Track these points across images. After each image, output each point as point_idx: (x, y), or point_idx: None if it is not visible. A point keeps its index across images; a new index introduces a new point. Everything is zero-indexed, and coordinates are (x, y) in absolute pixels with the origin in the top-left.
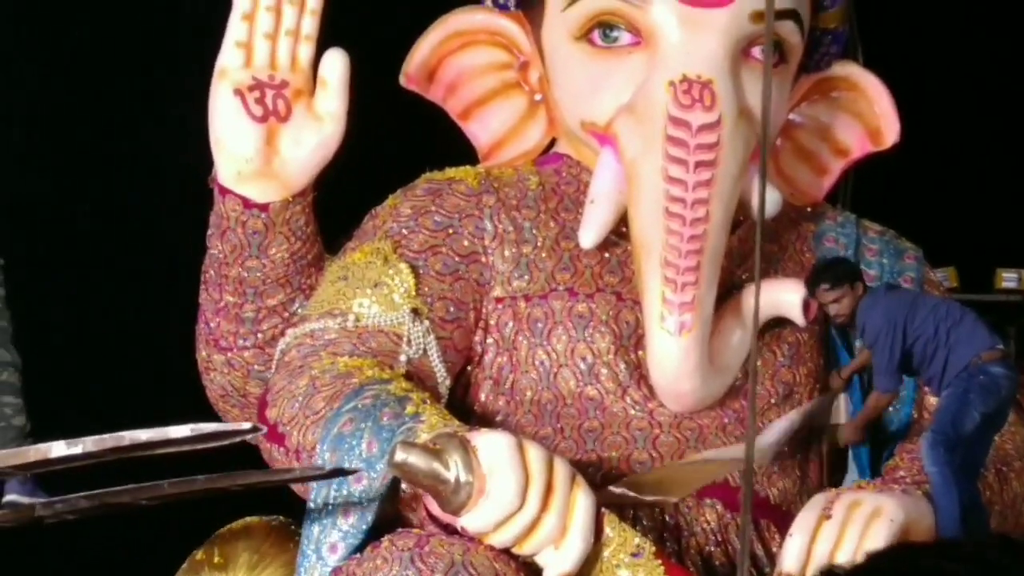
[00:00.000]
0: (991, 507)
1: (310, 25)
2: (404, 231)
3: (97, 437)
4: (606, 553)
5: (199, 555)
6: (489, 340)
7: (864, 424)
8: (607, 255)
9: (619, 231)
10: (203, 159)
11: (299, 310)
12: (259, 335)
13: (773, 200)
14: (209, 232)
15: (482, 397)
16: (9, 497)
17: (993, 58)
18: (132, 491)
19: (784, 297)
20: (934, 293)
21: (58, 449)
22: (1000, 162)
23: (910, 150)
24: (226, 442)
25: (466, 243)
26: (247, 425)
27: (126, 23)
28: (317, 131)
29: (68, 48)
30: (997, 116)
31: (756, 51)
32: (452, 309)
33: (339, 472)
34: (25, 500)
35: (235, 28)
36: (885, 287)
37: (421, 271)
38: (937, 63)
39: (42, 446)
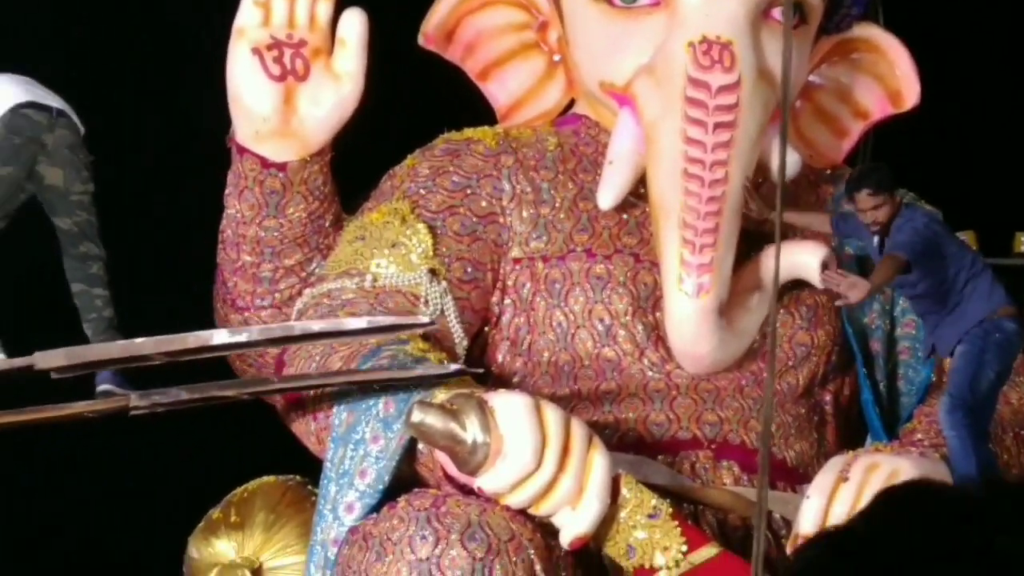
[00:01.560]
0: (1009, 470)
1: None
2: (422, 191)
3: (263, 327)
4: (623, 514)
5: (216, 514)
6: (507, 301)
7: (876, 288)
8: (625, 216)
9: (637, 192)
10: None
11: (317, 270)
12: (276, 295)
13: (792, 162)
14: (227, 191)
15: (499, 358)
16: (104, 386)
17: (1015, 21)
18: (238, 384)
19: (803, 259)
20: None
21: (220, 337)
22: (1020, 125)
23: (930, 112)
24: (403, 333)
25: (484, 204)
26: (425, 319)
27: None
28: (335, 90)
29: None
30: (1018, 79)
31: (776, 12)
32: (470, 270)
33: (462, 372)
34: (120, 391)
35: None
36: (923, 211)
37: (439, 231)
38: (958, 24)
39: (203, 333)
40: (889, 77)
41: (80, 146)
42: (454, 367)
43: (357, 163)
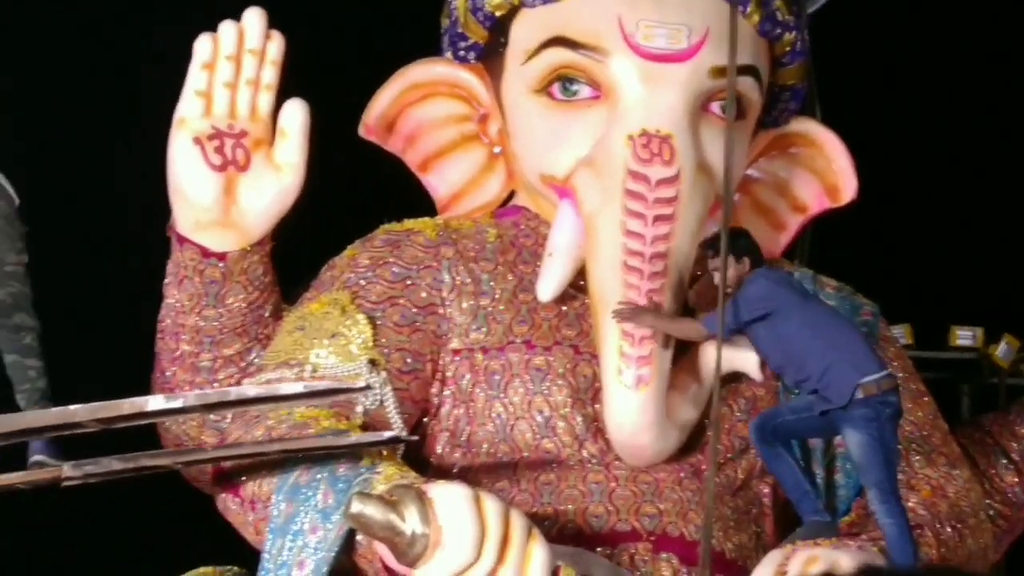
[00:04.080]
0: (947, 563)
1: (270, 75)
2: (362, 282)
3: (200, 392)
4: None
5: None
6: (446, 392)
7: (663, 327)
8: (565, 308)
9: (577, 284)
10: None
11: (256, 360)
12: (215, 384)
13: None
14: (166, 281)
15: (438, 449)
16: (36, 457)
17: (950, 115)
18: (172, 454)
19: (742, 352)
20: (889, 349)
21: (155, 403)
22: (956, 221)
23: (867, 206)
24: (339, 398)
25: (424, 295)
26: (361, 383)
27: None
28: (276, 181)
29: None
30: (954, 174)
31: (715, 106)
32: (409, 360)
33: (396, 440)
34: (52, 461)
35: (195, 77)
36: (782, 275)
37: (379, 322)
38: (894, 121)
39: (138, 400)
40: (827, 171)
41: (14, 217)
42: (388, 434)
43: (297, 253)
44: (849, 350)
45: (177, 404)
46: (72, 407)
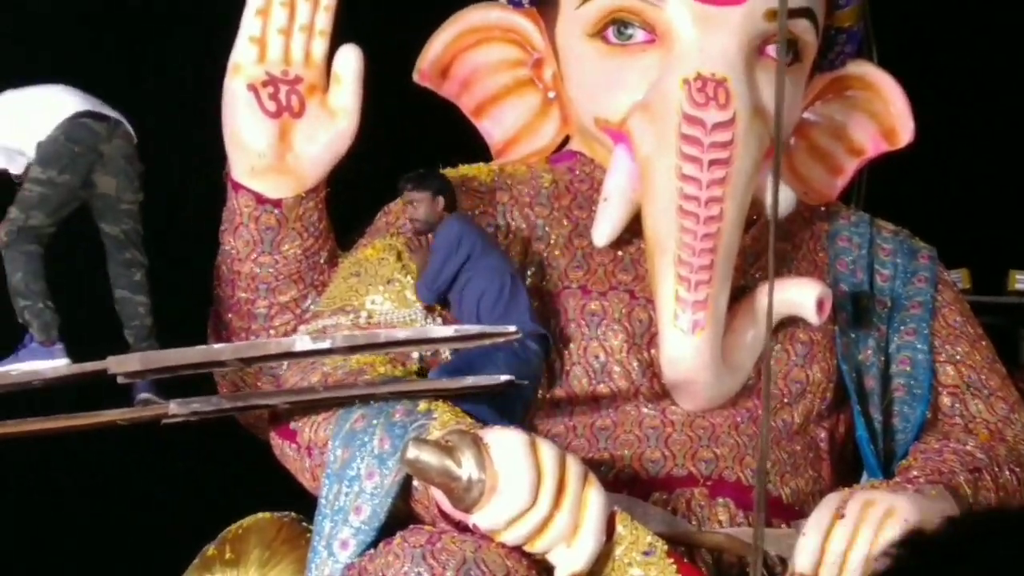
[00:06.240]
0: (1008, 506)
1: (324, 21)
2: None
3: (348, 334)
4: (618, 551)
5: (211, 551)
6: None
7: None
8: (620, 253)
9: (633, 229)
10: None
11: (312, 306)
12: (271, 331)
13: (787, 199)
14: (222, 228)
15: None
16: (143, 395)
17: (1007, 60)
18: (282, 393)
19: (797, 296)
20: (947, 293)
21: (303, 343)
22: (1015, 164)
23: (925, 150)
24: (488, 342)
25: None
26: (512, 328)
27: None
28: (331, 127)
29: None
30: (1012, 117)
31: (771, 49)
32: None
33: (511, 384)
34: (158, 400)
35: (249, 23)
36: (473, 224)
37: None
38: (952, 63)
39: (285, 340)
40: (883, 115)
41: (134, 156)
42: (504, 377)
43: (352, 199)
44: (516, 304)
45: (325, 345)
46: (217, 346)
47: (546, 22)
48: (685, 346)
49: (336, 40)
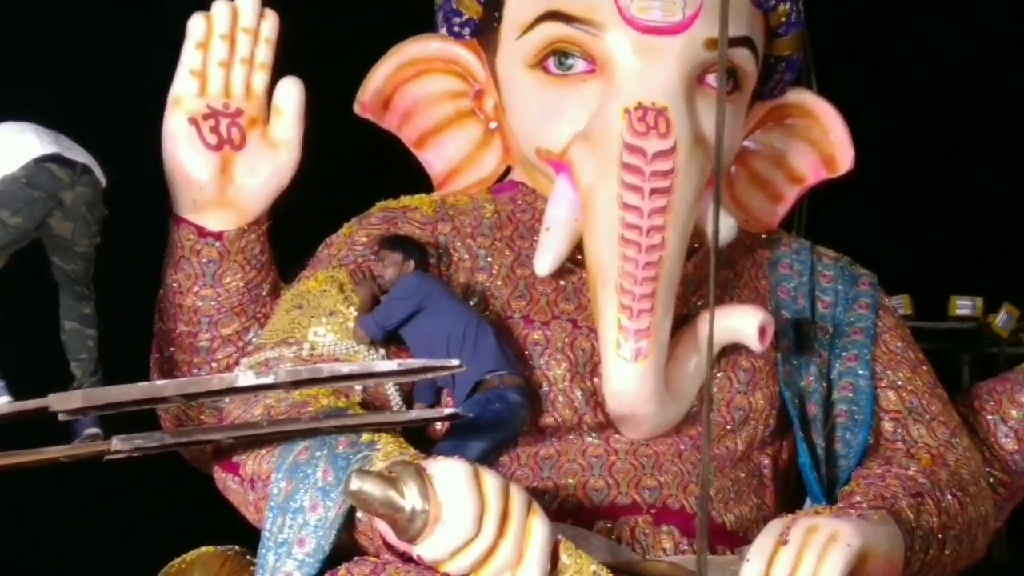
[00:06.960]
0: (948, 531)
1: (264, 53)
2: (359, 260)
3: (291, 368)
4: None
5: None
6: None
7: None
8: (562, 283)
9: (574, 259)
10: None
11: (254, 339)
12: (213, 364)
13: (728, 227)
14: (164, 262)
15: (438, 425)
16: (90, 430)
17: (947, 87)
18: (225, 429)
19: (739, 324)
20: (888, 319)
21: (246, 379)
22: (954, 189)
23: (865, 177)
24: (431, 376)
25: None
26: (455, 361)
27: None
28: (272, 159)
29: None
30: (951, 142)
31: (710, 78)
32: None
33: (455, 416)
34: (101, 433)
35: (189, 57)
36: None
37: None
38: (891, 90)
39: (227, 376)
40: (823, 142)
41: (96, 203)
42: (447, 411)
43: (294, 232)
44: (482, 346)
45: (268, 380)
46: (159, 383)
47: (487, 53)
48: (628, 374)
49: (277, 73)
